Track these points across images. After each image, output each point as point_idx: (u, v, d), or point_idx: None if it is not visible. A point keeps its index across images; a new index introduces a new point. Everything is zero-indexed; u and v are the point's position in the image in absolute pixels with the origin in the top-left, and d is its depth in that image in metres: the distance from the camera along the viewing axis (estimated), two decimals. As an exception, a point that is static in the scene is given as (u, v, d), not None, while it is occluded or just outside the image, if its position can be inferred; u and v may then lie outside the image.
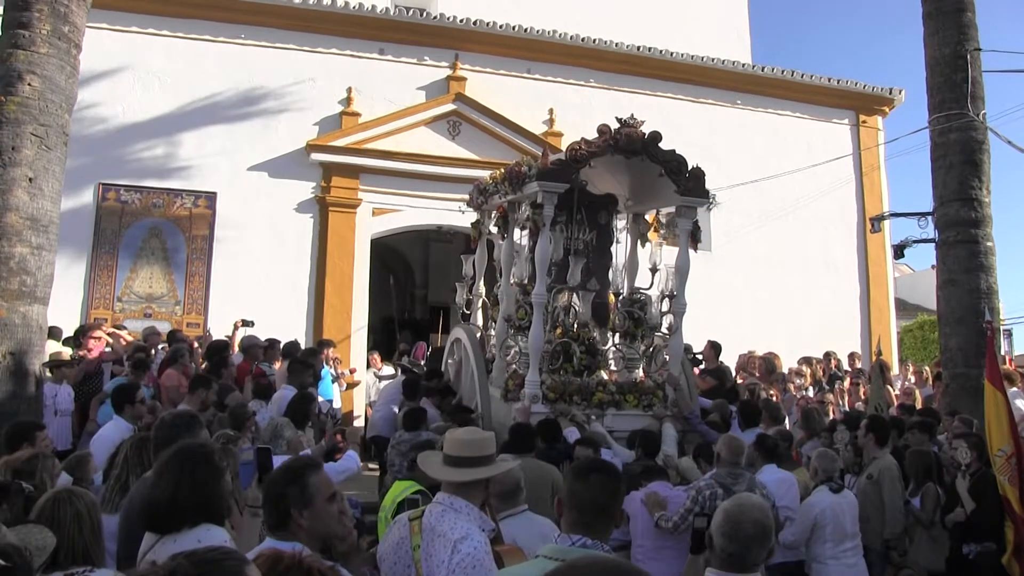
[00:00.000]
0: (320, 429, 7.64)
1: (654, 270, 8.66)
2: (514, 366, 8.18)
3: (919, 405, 10.37)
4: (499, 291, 8.90)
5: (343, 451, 6.08)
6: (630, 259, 9.38)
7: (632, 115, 7.70)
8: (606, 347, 8.76)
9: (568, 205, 8.22)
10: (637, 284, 9.16)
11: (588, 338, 8.28)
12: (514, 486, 4.21)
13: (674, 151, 7.76)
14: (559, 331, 8.21)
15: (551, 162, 7.66)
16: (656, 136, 7.66)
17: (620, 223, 9.50)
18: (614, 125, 7.64)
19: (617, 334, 8.75)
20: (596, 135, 7.62)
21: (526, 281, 8.47)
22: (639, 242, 9.40)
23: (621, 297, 8.88)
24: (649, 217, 9.46)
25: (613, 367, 8.76)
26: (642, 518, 5.58)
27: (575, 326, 8.25)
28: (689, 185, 7.77)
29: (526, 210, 7.95)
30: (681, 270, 8.10)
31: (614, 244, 9.32)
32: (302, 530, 2.85)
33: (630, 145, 7.59)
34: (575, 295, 8.27)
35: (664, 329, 8.47)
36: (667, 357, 8.27)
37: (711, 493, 5.28)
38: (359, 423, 12.67)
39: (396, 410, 8.88)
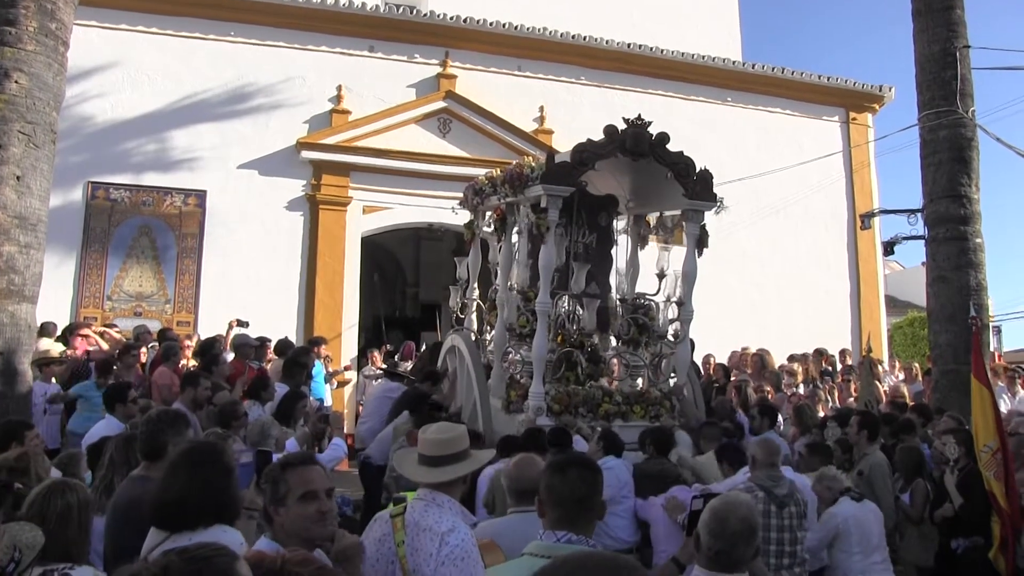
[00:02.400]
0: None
1: (661, 275, 8.39)
2: (511, 372, 7.93)
3: (909, 402, 10.41)
4: (496, 296, 8.62)
5: (330, 438, 6.06)
6: (631, 262, 9.12)
7: (639, 115, 7.43)
8: (607, 352, 8.51)
9: (568, 207, 7.88)
10: (639, 288, 8.89)
11: (590, 345, 8.06)
12: (530, 485, 3.91)
13: (682, 152, 7.50)
14: (560, 338, 7.95)
15: (556, 163, 7.34)
16: (664, 137, 7.41)
17: (619, 224, 9.23)
18: (619, 125, 7.37)
19: (620, 341, 8.44)
20: (603, 135, 7.34)
21: (527, 287, 8.20)
22: (640, 245, 9.17)
23: (624, 303, 8.57)
24: (651, 219, 9.23)
25: (616, 376, 8.46)
26: (663, 523, 5.49)
27: (577, 334, 7.97)
28: (697, 188, 7.52)
29: (526, 213, 7.67)
30: (688, 276, 7.84)
31: (615, 247, 9.05)
32: (281, 529, 2.82)
33: (637, 146, 7.32)
34: (578, 302, 7.99)
35: (670, 336, 8.20)
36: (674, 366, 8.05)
37: (752, 498, 5.04)
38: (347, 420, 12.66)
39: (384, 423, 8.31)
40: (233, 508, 3.20)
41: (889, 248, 13.92)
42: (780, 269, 16.10)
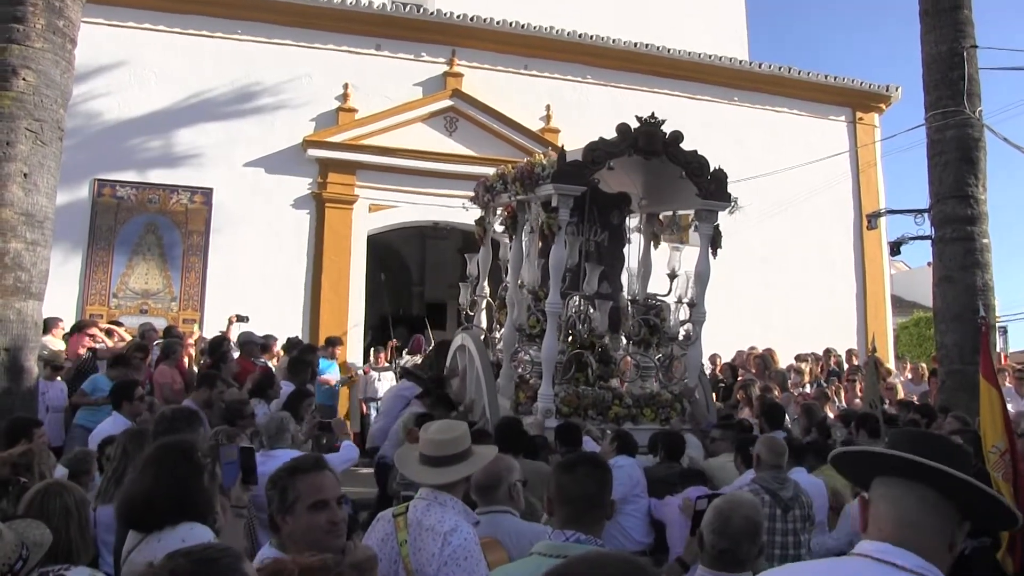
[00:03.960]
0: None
1: (672, 276, 8.27)
2: (520, 370, 7.81)
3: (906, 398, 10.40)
4: (506, 294, 8.49)
5: (332, 446, 6.01)
6: (643, 262, 8.98)
7: (653, 114, 7.34)
8: (618, 353, 8.36)
9: (580, 205, 7.68)
10: (651, 288, 8.76)
11: (601, 346, 7.91)
12: (486, 482, 3.79)
13: (696, 151, 7.40)
14: (571, 339, 7.83)
15: (567, 162, 7.19)
16: (677, 136, 7.31)
17: (631, 223, 9.07)
18: (631, 123, 7.29)
19: (631, 342, 8.34)
20: (615, 134, 7.24)
21: (537, 286, 8.04)
22: (652, 243, 9.05)
23: (636, 303, 8.41)
24: (664, 218, 9.13)
25: (626, 377, 8.33)
26: (679, 526, 5.33)
27: (588, 335, 7.80)
28: (711, 188, 7.41)
29: (538, 212, 7.53)
30: (701, 276, 7.73)
31: (627, 246, 8.90)
32: (289, 538, 2.71)
33: (650, 145, 7.23)
34: (591, 303, 7.82)
35: (680, 337, 8.08)
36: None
37: (758, 499, 4.90)
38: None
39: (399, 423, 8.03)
40: (202, 505, 3.17)
41: (895, 248, 13.86)
42: (786, 268, 16.05)
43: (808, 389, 11.47)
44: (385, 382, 12.35)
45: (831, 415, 9.36)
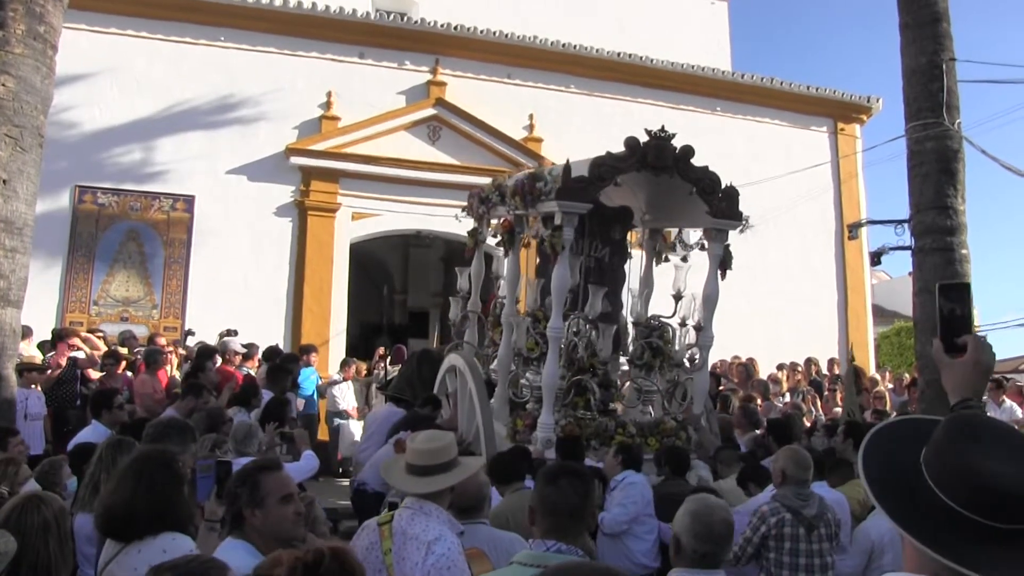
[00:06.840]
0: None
1: (678, 297, 7.88)
2: (514, 395, 7.45)
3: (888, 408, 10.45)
4: (500, 311, 8.00)
5: (293, 453, 6.00)
6: (645, 280, 8.55)
7: (663, 127, 6.94)
8: (618, 374, 8.01)
9: (581, 218, 7.13)
10: (653, 307, 8.28)
11: (602, 370, 7.43)
12: (469, 504, 3.78)
13: (707, 168, 7.00)
14: (571, 363, 7.35)
15: (573, 178, 6.65)
16: (688, 151, 6.93)
17: (632, 238, 8.63)
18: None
19: (633, 365, 7.87)
20: (624, 148, 6.82)
21: (536, 307, 7.58)
22: (655, 261, 8.66)
23: (639, 325, 7.93)
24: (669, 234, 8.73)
25: (626, 402, 7.88)
26: None
27: (590, 360, 7.27)
28: (722, 206, 7.06)
29: (539, 229, 7.09)
30: (709, 299, 7.37)
31: (628, 262, 8.41)
32: (255, 531, 2.90)
33: (660, 160, 6.83)
34: (593, 326, 7.35)
35: (686, 362, 7.66)
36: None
37: (778, 520, 4.64)
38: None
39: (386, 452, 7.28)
40: (183, 515, 3.19)
41: (876, 258, 13.95)
42: (768, 278, 16.10)
43: (787, 398, 11.52)
44: (349, 393, 12.05)
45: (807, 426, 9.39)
